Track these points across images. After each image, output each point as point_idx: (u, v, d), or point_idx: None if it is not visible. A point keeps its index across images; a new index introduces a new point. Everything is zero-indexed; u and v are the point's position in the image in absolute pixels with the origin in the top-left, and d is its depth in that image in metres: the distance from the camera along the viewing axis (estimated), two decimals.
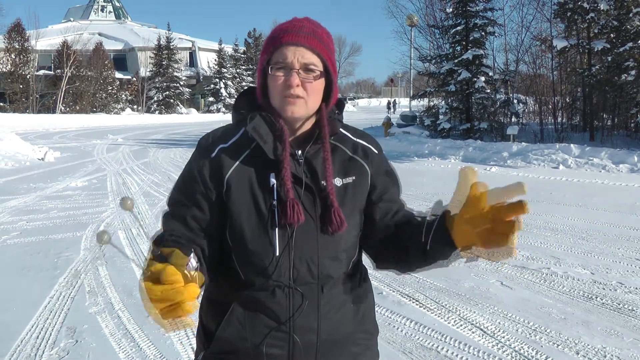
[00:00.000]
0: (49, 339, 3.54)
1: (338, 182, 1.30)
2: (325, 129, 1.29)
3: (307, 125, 1.32)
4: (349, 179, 1.32)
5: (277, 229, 1.23)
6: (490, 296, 4.21)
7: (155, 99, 47.93)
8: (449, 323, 3.75)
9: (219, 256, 1.30)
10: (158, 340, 3.48)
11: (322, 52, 1.27)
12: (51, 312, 3.97)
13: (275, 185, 1.24)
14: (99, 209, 7.73)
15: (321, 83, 1.28)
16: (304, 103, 1.26)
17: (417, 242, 1.21)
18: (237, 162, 1.27)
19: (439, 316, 3.86)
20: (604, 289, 4.27)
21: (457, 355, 3.28)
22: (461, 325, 3.70)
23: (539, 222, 6.56)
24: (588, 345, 3.35)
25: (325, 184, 1.27)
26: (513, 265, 4.92)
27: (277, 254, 1.23)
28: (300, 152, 1.29)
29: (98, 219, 7.04)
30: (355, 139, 1.39)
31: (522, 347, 3.36)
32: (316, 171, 1.29)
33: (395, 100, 47.80)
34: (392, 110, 41.17)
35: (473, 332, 3.60)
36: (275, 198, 1.24)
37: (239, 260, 1.28)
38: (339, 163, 1.32)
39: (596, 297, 4.10)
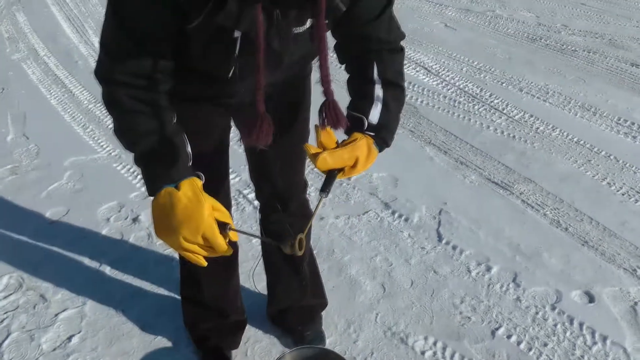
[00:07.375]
0: None
1: None
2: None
3: None
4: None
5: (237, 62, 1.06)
6: (434, 37, 3.98)
7: None
8: None
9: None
10: (91, 87, 3.22)
11: None
12: None
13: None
14: None
15: None
16: None
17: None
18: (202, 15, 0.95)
19: None
20: (548, 31, 4.12)
21: None
22: (405, 65, 3.52)
23: None
24: (531, 82, 3.28)
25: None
26: (457, 8, 4.63)
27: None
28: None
29: None
30: None
31: (466, 85, 3.25)
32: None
33: None
34: None
35: (417, 71, 3.43)
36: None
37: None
38: None
39: (540, 39, 3.97)
